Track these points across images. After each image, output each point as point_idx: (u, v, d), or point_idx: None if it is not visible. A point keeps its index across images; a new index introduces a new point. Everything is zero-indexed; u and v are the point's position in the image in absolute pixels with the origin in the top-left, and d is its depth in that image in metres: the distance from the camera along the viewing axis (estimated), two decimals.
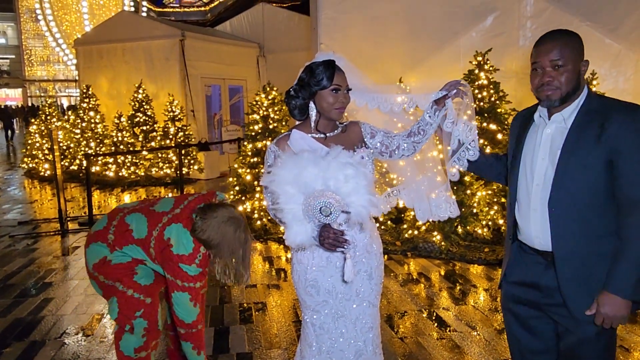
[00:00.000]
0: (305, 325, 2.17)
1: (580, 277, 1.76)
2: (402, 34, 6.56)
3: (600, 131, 1.70)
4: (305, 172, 1.87)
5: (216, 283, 4.44)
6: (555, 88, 1.76)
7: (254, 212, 6.11)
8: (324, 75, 2.02)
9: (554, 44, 1.75)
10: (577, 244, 1.75)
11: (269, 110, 6.35)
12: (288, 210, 1.90)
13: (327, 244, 1.91)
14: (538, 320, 1.94)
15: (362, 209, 1.88)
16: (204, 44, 11.22)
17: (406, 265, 4.92)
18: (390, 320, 3.66)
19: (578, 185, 1.73)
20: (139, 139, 10.38)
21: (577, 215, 1.75)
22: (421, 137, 2.15)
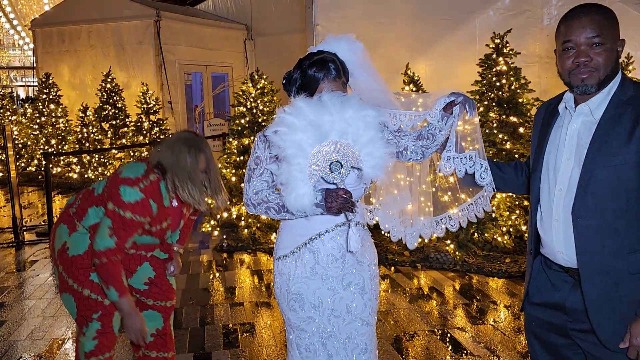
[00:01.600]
0: (290, 346, 2.18)
1: (610, 298, 1.70)
2: (408, 14, 6.55)
3: (633, 126, 1.65)
4: (321, 117, 1.90)
5: (196, 302, 4.43)
6: (593, 70, 1.71)
7: (240, 219, 6.10)
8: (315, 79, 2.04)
9: (591, 19, 1.70)
10: (606, 259, 1.69)
11: (258, 102, 6.34)
12: (296, 167, 1.90)
13: (335, 207, 1.93)
14: (566, 349, 1.90)
15: (379, 161, 1.93)
16: (183, 25, 11.20)
17: (416, 279, 4.91)
18: (398, 343, 3.65)
19: (607, 191, 1.68)
20: (107, 135, 10.36)
21: (607, 226, 1.69)
22: (429, 142, 2.18)
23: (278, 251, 2.18)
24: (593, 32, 1.69)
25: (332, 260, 2.08)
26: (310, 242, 2.08)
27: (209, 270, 5.31)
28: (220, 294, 4.66)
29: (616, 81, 1.77)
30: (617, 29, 1.74)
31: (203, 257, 5.74)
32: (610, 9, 1.76)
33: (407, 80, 5.64)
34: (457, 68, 6.36)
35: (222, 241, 6.07)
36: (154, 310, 2.76)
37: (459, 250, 5.13)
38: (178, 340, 3.76)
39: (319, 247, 2.07)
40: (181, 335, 3.83)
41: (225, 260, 5.63)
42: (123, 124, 10.45)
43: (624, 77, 1.79)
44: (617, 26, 1.75)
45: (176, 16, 11.19)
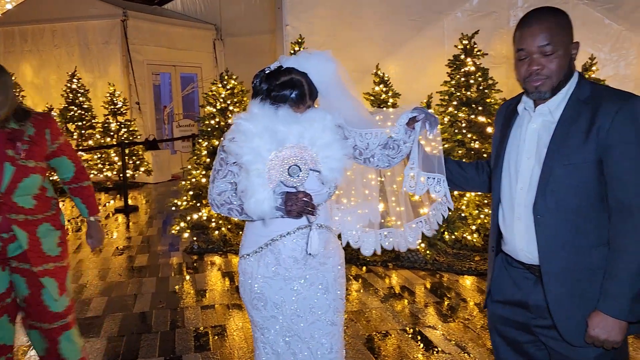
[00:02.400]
0: (256, 345, 2.21)
1: (572, 295, 1.73)
2: (378, 15, 6.59)
3: (589, 125, 1.68)
4: (278, 122, 1.92)
5: (166, 305, 4.38)
6: (545, 77, 1.73)
7: (211, 220, 6.05)
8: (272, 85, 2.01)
9: (542, 26, 1.71)
10: (567, 256, 1.72)
11: (228, 103, 6.30)
12: (254, 172, 1.92)
13: (294, 210, 1.94)
14: (529, 345, 1.92)
15: (337, 163, 1.96)
16: (151, 25, 11.07)
17: (387, 279, 4.94)
18: (370, 342, 3.67)
19: (567, 189, 1.71)
20: (73, 136, 10.17)
21: (567, 223, 1.72)
22: (395, 152, 2.21)
23: (242, 250, 2.19)
24: (544, 40, 1.70)
25: (294, 262, 2.09)
26: (272, 243, 2.09)
27: (179, 273, 5.25)
28: (190, 296, 4.61)
29: (573, 82, 1.79)
30: (569, 34, 1.76)
31: (173, 260, 5.67)
32: (564, 12, 1.78)
33: (377, 80, 5.68)
34: (426, 68, 6.42)
35: (192, 243, 6.01)
36: (17, 273, 2.55)
37: (429, 249, 5.18)
38: (148, 344, 3.71)
39: (280, 248, 2.08)
40: (151, 340, 3.78)
41: (196, 262, 5.57)
42: (90, 126, 10.28)
43: (580, 77, 1.81)
44: (569, 30, 1.76)
45: (144, 16, 11.05)
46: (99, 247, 2.76)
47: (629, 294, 1.63)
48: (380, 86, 5.65)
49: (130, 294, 4.68)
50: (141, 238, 6.61)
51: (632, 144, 1.63)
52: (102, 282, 5.01)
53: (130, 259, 5.72)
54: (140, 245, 6.26)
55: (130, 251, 6.03)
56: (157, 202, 8.92)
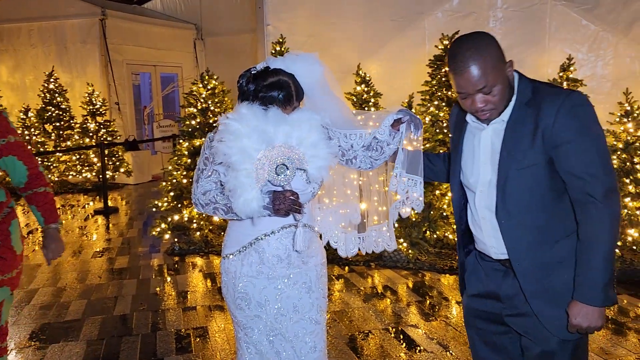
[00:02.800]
0: (239, 344, 2.21)
1: (545, 288, 1.82)
2: (359, 15, 6.60)
3: (534, 127, 1.74)
4: (268, 123, 1.95)
5: (147, 307, 4.34)
6: (491, 109, 1.79)
7: (192, 221, 6.01)
8: (259, 86, 2.02)
9: (474, 70, 1.72)
10: (534, 253, 1.81)
11: (209, 102, 6.26)
12: (242, 172, 1.93)
13: (282, 209, 1.96)
14: (502, 336, 2.00)
15: (323, 162, 1.99)
16: (130, 24, 10.97)
17: (370, 278, 4.95)
18: (353, 342, 3.67)
19: (523, 191, 1.78)
20: (51, 137, 10.04)
21: (529, 222, 1.80)
22: (378, 154, 2.23)
23: (225, 249, 2.19)
24: (481, 84, 1.73)
25: (278, 261, 2.10)
26: (256, 242, 2.10)
27: (160, 275, 5.21)
28: (172, 298, 4.58)
29: (516, 89, 1.83)
30: (501, 59, 1.77)
31: (154, 261, 5.62)
32: (487, 38, 1.78)
33: (358, 80, 5.69)
34: (407, 68, 6.45)
35: (174, 244, 5.97)
36: None
37: (411, 249, 5.20)
38: (128, 347, 3.67)
39: (265, 247, 2.09)
40: (132, 342, 3.74)
41: (177, 263, 5.53)
42: (68, 126, 10.16)
43: (521, 79, 1.85)
44: (500, 56, 1.77)
45: (123, 15, 10.95)
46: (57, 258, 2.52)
47: (602, 281, 1.70)
48: (362, 86, 5.66)
49: (110, 297, 4.63)
50: (121, 240, 6.54)
51: (577, 139, 1.70)
52: (82, 284, 4.95)
53: (110, 261, 5.66)
54: (121, 247, 6.19)
55: (110, 253, 5.96)
56: (137, 203, 8.84)
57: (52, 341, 3.79)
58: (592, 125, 1.72)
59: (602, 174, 1.69)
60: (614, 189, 1.71)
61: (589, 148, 1.70)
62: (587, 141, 1.70)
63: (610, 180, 1.70)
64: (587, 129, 1.71)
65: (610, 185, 1.70)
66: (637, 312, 4.01)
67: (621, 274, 4.66)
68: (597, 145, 1.70)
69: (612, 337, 3.61)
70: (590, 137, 1.70)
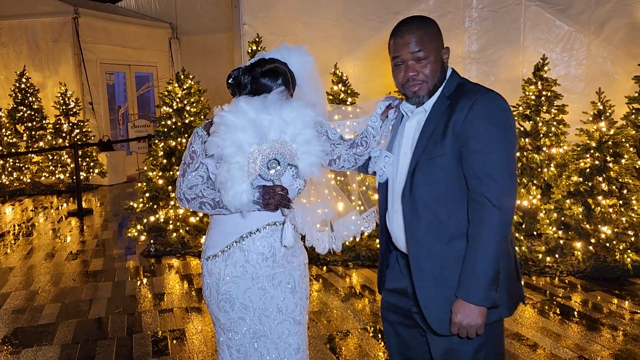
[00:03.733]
0: (220, 348, 2.18)
1: (437, 282, 1.83)
2: (335, 14, 6.62)
3: (448, 120, 1.79)
4: (262, 116, 1.96)
5: (123, 310, 4.28)
6: (421, 82, 1.85)
7: (168, 223, 5.95)
8: (267, 88, 2.05)
9: (412, 36, 1.83)
10: (431, 245, 1.83)
11: (185, 102, 6.21)
12: (235, 165, 1.94)
13: (272, 203, 1.97)
14: (411, 329, 2.05)
15: (315, 159, 2.01)
16: (104, 23, 10.83)
17: (348, 278, 4.96)
18: (332, 342, 3.67)
19: (429, 181, 1.82)
20: (23, 138, 9.87)
21: (430, 214, 1.82)
22: (363, 149, 2.22)
23: (207, 251, 2.17)
24: (417, 47, 1.82)
25: (263, 260, 2.10)
26: (241, 240, 2.09)
27: (135, 277, 5.15)
28: (148, 300, 4.53)
29: (445, 81, 1.90)
30: (439, 40, 1.89)
31: (129, 263, 5.55)
32: (433, 21, 1.91)
33: (335, 80, 5.70)
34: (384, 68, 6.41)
35: (150, 246, 5.90)
36: None
37: None
38: (104, 350, 3.62)
39: (250, 245, 2.09)
40: (107, 346, 3.69)
41: (153, 265, 5.48)
42: (40, 126, 9.99)
43: (453, 74, 1.92)
44: (439, 37, 1.90)
45: (96, 13, 10.81)
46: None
47: (484, 280, 1.72)
48: (339, 85, 5.67)
49: (85, 300, 4.56)
50: (96, 242, 6.45)
51: (482, 138, 1.73)
52: (55, 287, 4.87)
53: (84, 264, 5.58)
54: (95, 249, 6.10)
55: (85, 255, 5.87)
56: (112, 204, 8.73)
57: (25, 345, 3.72)
58: (500, 127, 1.74)
59: (500, 177, 1.71)
60: (509, 193, 1.73)
61: (492, 149, 1.72)
62: (491, 142, 1.73)
63: (507, 184, 1.73)
64: (494, 129, 1.73)
65: (505, 189, 1.72)
66: (610, 308, 4.09)
67: (595, 271, 4.74)
68: (501, 148, 1.73)
69: (586, 333, 3.67)
70: (495, 139, 1.73)
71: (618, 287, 4.49)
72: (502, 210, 1.70)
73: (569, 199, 4.91)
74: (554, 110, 5.44)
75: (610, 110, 4.96)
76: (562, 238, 4.93)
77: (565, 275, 4.76)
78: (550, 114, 5.44)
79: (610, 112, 4.96)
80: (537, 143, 5.44)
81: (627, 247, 4.69)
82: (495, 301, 1.75)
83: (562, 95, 5.43)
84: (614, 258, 4.77)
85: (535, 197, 5.31)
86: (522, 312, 4.03)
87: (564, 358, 3.34)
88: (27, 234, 6.87)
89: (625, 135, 5.03)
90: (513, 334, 3.68)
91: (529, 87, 5.49)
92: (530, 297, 4.34)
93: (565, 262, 4.88)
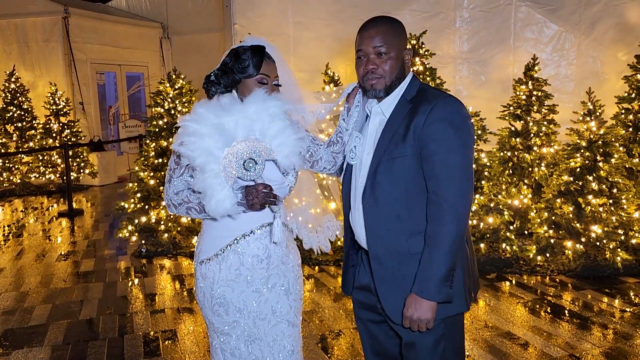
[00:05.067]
0: (214, 352, 2.16)
1: (395, 277, 1.91)
2: (326, 14, 6.62)
3: (408, 123, 1.85)
4: (225, 119, 1.91)
5: (114, 311, 4.27)
6: (379, 77, 1.92)
7: (160, 223, 5.93)
8: (250, 62, 2.03)
9: (377, 31, 1.91)
10: (391, 241, 1.90)
11: (176, 102, 6.20)
12: (209, 173, 1.90)
13: (257, 203, 1.94)
14: (381, 325, 2.11)
15: (292, 148, 1.97)
16: (94, 22, 10.77)
17: (340, 278, 4.95)
18: (324, 342, 3.68)
19: (389, 181, 1.88)
20: (12, 138, 9.80)
21: (390, 211, 1.89)
22: (340, 146, 2.23)
23: (201, 255, 2.13)
24: (379, 42, 1.90)
25: (257, 262, 2.07)
26: (235, 243, 2.06)
27: (127, 277, 5.13)
28: (139, 301, 4.51)
29: (405, 83, 1.97)
30: (403, 39, 1.96)
31: (120, 264, 5.53)
32: (399, 21, 1.97)
33: (327, 79, 5.69)
34: None
35: (141, 247, 5.88)
36: None
37: None
38: (95, 351, 3.61)
39: (244, 248, 2.06)
40: (98, 347, 3.68)
41: (145, 266, 5.46)
42: (30, 127, 9.92)
43: (413, 79, 1.99)
44: (403, 36, 1.97)
45: (87, 13, 10.75)
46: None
47: (436, 276, 1.79)
48: (331, 85, 5.66)
49: (75, 301, 4.54)
50: (87, 242, 6.41)
51: (441, 141, 1.80)
52: (46, 289, 4.84)
53: (75, 264, 5.55)
54: (86, 250, 6.07)
55: (75, 256, 5.84)
56: (103, 205, 8.69)
57: (15, 347, 3.70)
58: (458, 130, 1.81)
59: (456, 179, 1.79)
60: (465, 195, 1.80)
61: (450, 152, 1.79)
62: (449, 145, 1.79)
63: (463, 185, 1.79)
64: (453, 133, 1.80)
65: (461, 191, 1.79)
66: (600, 307, 4.12)
67: (585, 270, 4.78)
68: (458, 151, 1.80)
69: (577, 332, 3.70)
70: (453, 142, 1.80)
71: (608, 286, 4.52)
72: (457, 211, 1.78)
73: (559, 199, 4.94)
74: (545, 110, 5.47)
75: (600, 110, 4.99)
76: (552, 237, 4.96)
77: (556, 274, 4.79)
78: (541, 114, 5.47)
79: (600, 112, 5.00)
80: (528, 143, 5.47)
81: (617, 246, 4.72)
82: (448, 297, 1.82)
83: (552, 95, 5.46)
84: (604, 257, 4.80)
85: (526, 196, 5.34)
86: (513, 311, 4.05)
87: (555, 357, 3.36)
88: (17, 234, 6.82)
89: (615, 135, 5.07)
90: (504, 333, 3.69)
91: (519, 87, 5.52)
92: (522, 296, 4.36)
93: (556, 261, 4.91)
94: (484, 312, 4.06)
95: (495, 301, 4.26)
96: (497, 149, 5.66)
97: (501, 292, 4.46)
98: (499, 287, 4.57)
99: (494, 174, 5.38)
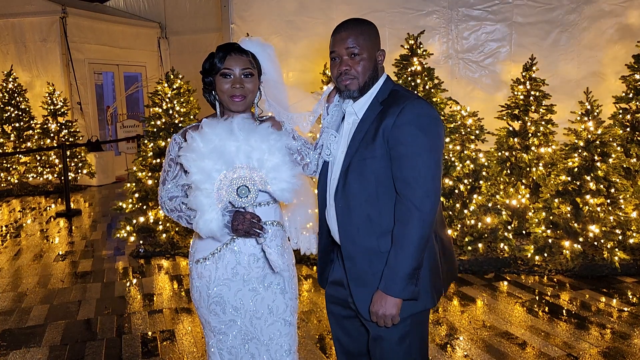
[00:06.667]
0: (210, 351, 2.17)
1: (366, 273, 1.96)
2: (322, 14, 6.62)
3: (379, 123, 1.90)
4: (227, 142, 1.94)
5: (112, 311, 4.27)
6: (352, 77, 1.96)
7: (158, 223, 5.93)
8: (216, 58, 2.05)
9: (349, 32, 1.95)
10: (361, 240, 1.95)
11: (174, 102, 6.19)
12: (203, 192, 1.93)
13: (241, 229, 1.96)
14: (352, 320, 2.15)
15: (286, 185, 1.98)
16: (92, 22, 10.76)
17: None
18: (322, 342, 3.68)
19: (360, 181, 1.93)
20: (10, 138, 9.79)
21: (361, 211, 1.94)
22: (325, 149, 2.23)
23: (196, 254, 2.15)
24: (351, 43, 1.94)
25: (254, 260, 2.09)
26: (232, 242, 2.08)
27: (124, 278, 5.12)
28: (137, 301, 4.51)
29: (378, 85, 2.01)
30: (376, 41, 2.01)
31: (118, 264, 5.53)
32: (371, 23, 2.01)
33: (325, 80, 5.70)
34: None
35: (139, 247, 5.88)
36: None
37: None
38: (93, 352, 3.61)
39: (241, 247, 2.08)
40: (96, 347, 3.68)
41: (143, 266, 5.45)
42: (28, 126, 9.91)
43: (387, 80, 2.03)
44: (376, 38, 2.01)
45: (84, 13, 10.73)
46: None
47: (402, 274, 1.84)
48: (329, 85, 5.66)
49: (73, 301, 4.54)
50: (85, 243, 6.41)
51: (410, 143, 1.84)
52: (43, 289, 4.84)
53: (73, 265, 5.54)
54: (84, 250, 6.07)
55: (73, 256, 5.84)
56: (101, 205, 8.68)
57: (13, 347, 3.70)
58: (427, 133, 1.84)
59: (423, 181, 1.82)
60: (431, 196, 1.84)
61: (418, 154, 1.83)
62: (417, 147, 1.83)
63: (430, 187, 1.83)
64: (421, 135, 1.84)
65: (428, 192, 1.83)
66: (598, 306, 4.13)
67: (583, 270, 4.78)
68: (426, 153, 1.83)
69: (575, 331, 3.71)
70: (421, 144, 1.83)
71: (606, 286, 4.53)
72: (423, 212, 1.82)
73: (557, 198, 4.94)
74: (543, 110, 5.48)
75: (598, 110, 5.00)
76: (550, 237, 4.97)
77: (553, 274, 4.80)
78: (539, 114, 5.48)
79: (598, 112, 5.00)
80: (526, 142, 5.48)
81: (614, 245, 4.73)
82: (413, 294, 1.87)
83: (550, 95, 5.47)
84: (602, 256, 4.81)
85: (524, 196, 5.35)
86: (511, 311, 4.06)
87: (553, 356, 3.37)
88: (15, 235, 6.82)
89: (612, 135, 5.08)
90: (502, 333, 3.70)
91: (517, 87, 5.53)
92: (519, 295, 4.37)
93: (554, 260, 4.91)
94: (481, 312, 4.07)
95: (493, 301, 4.27)
96: (495, 149, 5.67)
97: (499, 292, 4.46)
98: (497, 287, 4.57)
99: (492, 174, 5.39)
